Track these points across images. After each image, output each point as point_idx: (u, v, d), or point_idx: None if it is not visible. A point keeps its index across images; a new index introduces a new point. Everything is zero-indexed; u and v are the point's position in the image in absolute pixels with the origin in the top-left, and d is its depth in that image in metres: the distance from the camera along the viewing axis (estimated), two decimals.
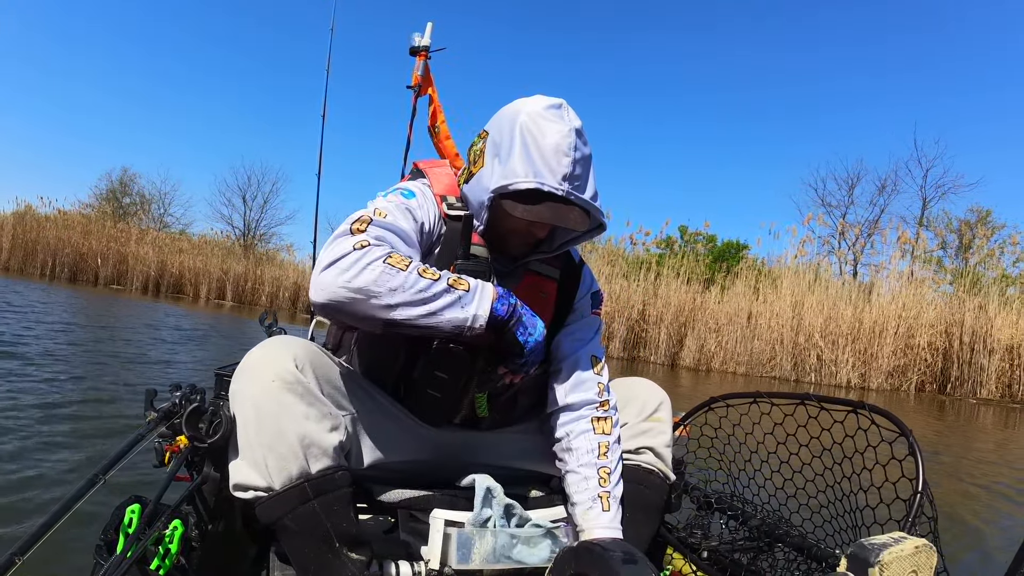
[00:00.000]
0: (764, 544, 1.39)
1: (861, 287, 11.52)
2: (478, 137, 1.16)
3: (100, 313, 9.43)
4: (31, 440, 2.58)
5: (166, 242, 19.00)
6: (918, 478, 1.13)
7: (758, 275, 12.01)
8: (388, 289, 0.93)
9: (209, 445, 0.97)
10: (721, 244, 17.41)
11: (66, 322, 7.28)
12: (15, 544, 0.76)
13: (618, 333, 12.16)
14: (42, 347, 4.98)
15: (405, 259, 0.96)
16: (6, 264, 17.82)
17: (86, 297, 12.22)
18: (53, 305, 9.03)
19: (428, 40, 2.50)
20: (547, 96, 1.11)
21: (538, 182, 1.03)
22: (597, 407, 1.21)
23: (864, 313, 10.55)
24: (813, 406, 1.36)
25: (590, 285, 1.30)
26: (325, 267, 0.93)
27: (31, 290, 11.47)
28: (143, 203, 26.12)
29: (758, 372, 10.91)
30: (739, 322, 11.31)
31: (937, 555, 0.96)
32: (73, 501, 0.86)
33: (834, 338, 10.50)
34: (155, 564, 0.92)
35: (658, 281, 12.45)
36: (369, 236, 0.97)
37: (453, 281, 0.98)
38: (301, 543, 0.97)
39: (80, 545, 1.59)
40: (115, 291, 15.70)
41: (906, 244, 12.29)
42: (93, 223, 18.85)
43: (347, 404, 1.07)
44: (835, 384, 10.26)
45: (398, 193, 1.13)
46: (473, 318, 0.97)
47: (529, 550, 1.10)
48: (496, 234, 1.15)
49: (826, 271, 12.08)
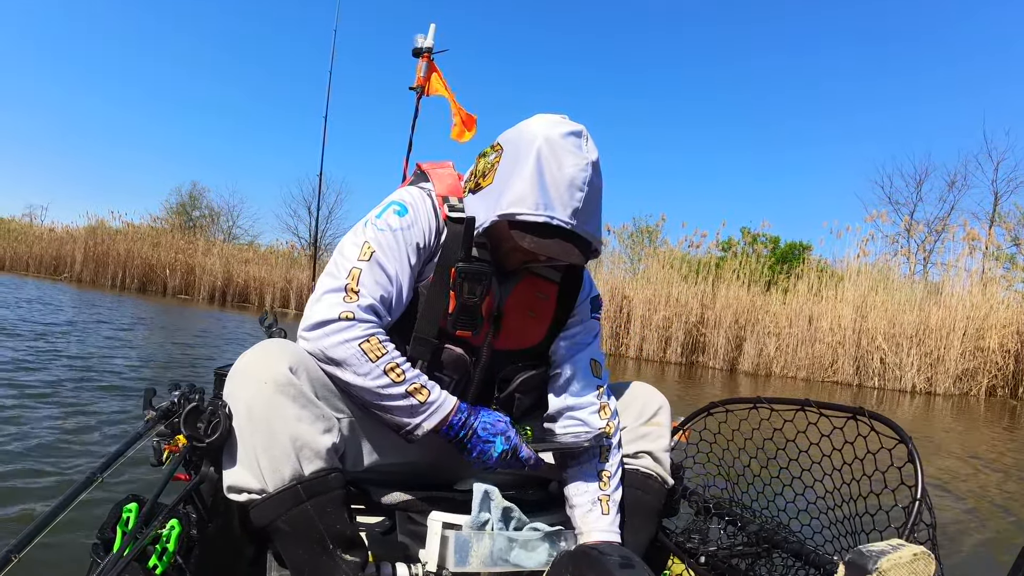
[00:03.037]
0: (762, 550, 1.38)
1: (929, 287, 11.03)
2: (491, 148, 1.15)
3: (194, 325, 9.49)
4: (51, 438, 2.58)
5: (232, 253, 19.47)
6: (917, 485, 1.12)
7: (820, 276, 11.55)
8: (354, 372, 1.03)
9: (207, 445, 0.96)
10: (784, 245, 16.79)
11: (178, 339, 7.31)
12: (11, 541, 0.76)
13: (676, 337, 11.81)
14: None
15: (381, 347, 1.04)
16: (79, 276, 18.37)
17: (165, 308, 12.41)
18: (154, 317, 9.14)
19: (431, 41, 2.50)
20: (569, 120, 1.10)
21: (548, 216, 1.03)
22: (597, 410, 1.21)
23: (930, 314, 10.09)
24: (813, 412, 1.36)
25: (589, 290, 1.30)
26: (313, 325, 1.03)
27: (103, 300, 11.67)
28: (212, 216, 26.89)
29: (819, 377, 10.49)
30: (799, 325, 10.91)
31: (936, 563, 0.96)
32: (70, 499, 0.86)
33: (898, 340, 10.06)
34: (152, 563, 0.92)
35: (717, 284, 12.02)
36: (358, 308, 1.04)
37: (414, 389, 1.04)
38: (295, 545, 0.96)
39: (77, 543, 1.58)
40: (183, 301, 16.03)
41: (974, 241, 11.55)
42: (161, 235, 19.47)
43: (343, 406, 1.07)
44: (899, 389, 9.81)
45: (391, 212, 1.13)
46: (416, 426, 1.06)
47: (527, 553, 1.09)
48: (494, 246, 1.15)
49: (893, 271, 11.53)
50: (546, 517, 1.18)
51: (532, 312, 1.22)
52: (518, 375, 1.22)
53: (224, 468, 0.99)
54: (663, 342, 11.92)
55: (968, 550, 2.48)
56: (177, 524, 0.96)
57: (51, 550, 1.56)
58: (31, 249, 20.10)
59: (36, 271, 19.63)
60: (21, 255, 20.16)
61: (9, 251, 20.45)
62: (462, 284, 1.10)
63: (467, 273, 1.10)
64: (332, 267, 1.10)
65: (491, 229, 1.11)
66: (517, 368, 1.22)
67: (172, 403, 1.10)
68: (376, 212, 1.14)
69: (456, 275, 1.10)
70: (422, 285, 1.13)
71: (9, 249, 20.47)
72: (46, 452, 2.43)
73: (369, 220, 1.13)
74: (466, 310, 1.12)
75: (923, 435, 5.49)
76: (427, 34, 2.51)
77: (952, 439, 5.45)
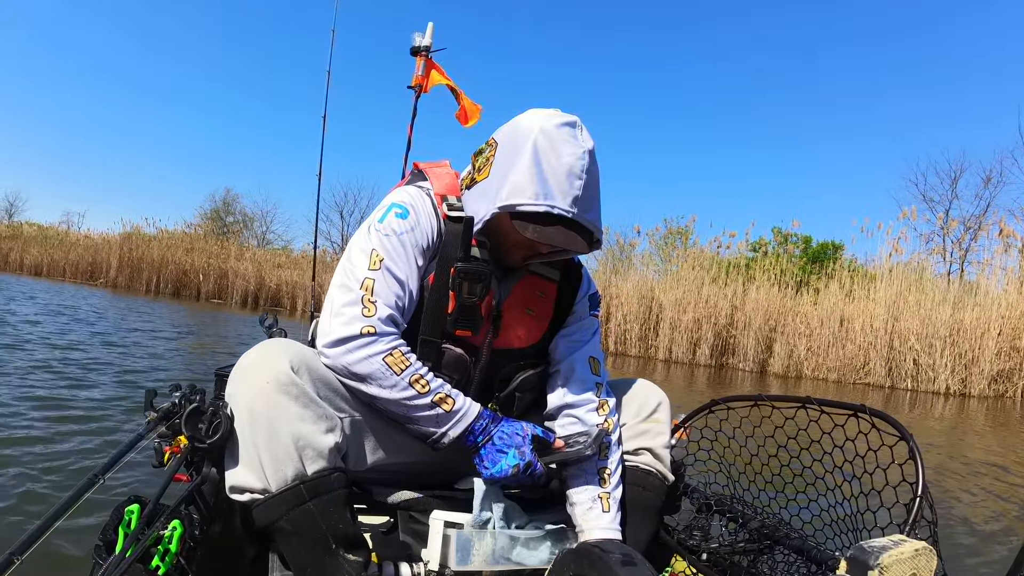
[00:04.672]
0: (764, 546, 1.38)
1: (965, 286, 10.64)
2: (487, 144, 1.15)
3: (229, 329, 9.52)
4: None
5: (265, 258, 19.71)
6: (918, 482, 1.12)
7: (852, 276, 11.21)
8: (379, 386, 1.04)
9: (209, 445, 0.97)
10: (816, 245, 16.21)
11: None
12: (13, 543, 0.76)
13: (705, 339, 11.49)
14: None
15: (405, 359, 1.05)
16: (114, 282, 18.61)
17: (197, 312, 12.44)
18: (190, 322, 9.17)
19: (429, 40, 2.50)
20: (562, 112, 1.10)
21: (548, 205, 1.03)
22: (596, 408, 1.21)
23: (963, 313, 9.74)
24: (814, 410, 1.36)
25: (588, 287, 1.30)
26: (336, 342, 1.03)
27: (141, 304, 11.76)
28: (245, 221, 27.37)
29: (850, 378, 10.21)
30: (830, 326, 10.59)
31: (937, 558, 0.96)
32: (72, 501, 0.86)
33: (931, 341, 9.75)
34: (155, 563, 0.92)
35: (747, 285, 11.70)
36: (378, 321, 1.04)
37: (439, 399, 1.05)
38: (298, 545, 0.97)
39: (79, 545, 1.59)
40: (216, 305, 16.13)
41: (1010, 238, 11.15)
42: (195, 241, 19.75)
43: (345, 406, 1.07)
44: (933, 391, 9.50)
45: (393, 215, 1.13)
46: (443, 435, 1.07)
47: (528, 552, 1.09)
48: (495, 243, 1.15)
49: (927, 270, 11.06)
50: (547, 515, 1.19)
51: (531, 311, 1.22)
52: (518, 374, 1.22)
53: (226, 468, 0.99)
54: (692, 344, 11.69)
55: (970, 546, 2.48)
56: (179, 525, 0.96)
57: (53, 551, 1.56)
58: (67, 255, 20.42)
59: (72, 276, 19.87)
60: (58, 261, 20.48)
61: (46, 257, 20.79)
62: (461, 283, 1.10)
63: (466, 272, 1.10)
64: (343, 277, 1.09)
65: (492, 224, 1.11)
66: (517, 367, 1.22)
67: (173, 404, 1.10)
68: (378, 215, 1.14)
69: (455, 274, 1.10)
70: (423, 285, 1.13)
71: (46, 255, 20.81)
72: (47, 453, 2.44)
73: (372, 225, 1.13)
74: (466, 310, 1.12)
75: (953, 437, 5.40)
76: (425, 32, 2.51)
77: (979, 441, 5.35)
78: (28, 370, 3.98)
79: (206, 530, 1.03)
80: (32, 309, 8.21)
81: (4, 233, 23.70)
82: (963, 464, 4.12)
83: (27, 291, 11.84)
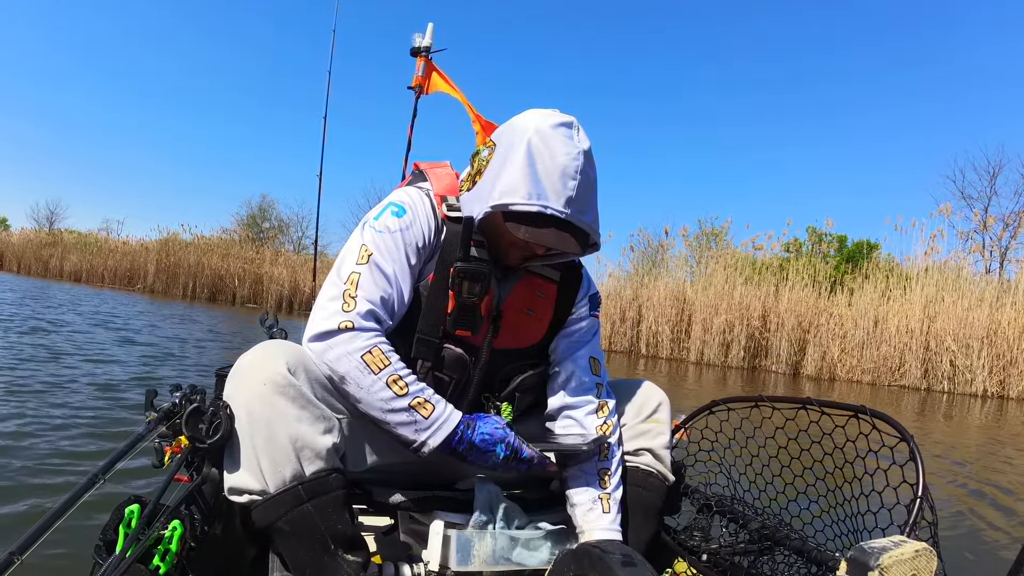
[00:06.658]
0: (764, 547, 1.38)
1: (1004, 285, 10.31)
2: (485, 146, 1.15)
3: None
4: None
5: (299, 262, 19.80)
6: (919, 483, 1.12)
7: (888, 275, 10.96)
8: (356, 385, 1.01)
9: (209, 446, 0.97)
10: (851, 245, 15.64)
11: None
12: (14, 543, 0.76)
13: (737, 341, 11.30)
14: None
15: (384, 358, 1.02)
16: (151, 287, 18.83)
17: (230, 315, 12.44)
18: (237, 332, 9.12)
19: (429, 40, 2.50)
20: (560, 112, 1.09)
21: (541, 205, 1.02)
22: (596, 409, 1.21)
23: (1002, 313, 9.51)
24: (815, 411, 1.36)
25: (588, 287, 1.30)
26: (315, 337, 1.03)
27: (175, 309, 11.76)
28: (281, 227, 27.21)
29: (885, 380, 10.00)
30: (865, 327, 10.35)
31: (937, 559, 0.96)
32: (72, 501, 0.86)
33: (968, 342, 9.52)
34: (155, 563, 0.92)
35: (780, 286, 11.48)
36: (357, 315, 1.03)
37: (417, 403, 1.02)
38: (296, 546, 0.97)
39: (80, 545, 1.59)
40: (251, 309, 16.24)
41: None
42: (230, 247, 19.91)
43: (343, 406, 1.07)
44: (970, 393, 9.28)
45: (389, 213, 1.13)
46: (422, 443, 1.03)
47: (529, 552, 1.09)
48: (493, 243, 1.15)
49: (965, 269, 10.72)
50: (548, 516, 1.19)
51: (531, 311, 1.22)
52: (517, 374, 1.22)
53: (225, 469, 0.99)
54: (724, 346, 11.50)
55: (971, 547, 2.47)
56: (179, 525, 0.96)
57: (54, 551, 1.56)
58: (106, 261, 20.68)
59: (111, 282, 20.11)
60: (97, 267, 20.75)
61: (85, 264, 21.05)
62: (461, 283, 1.10)
63: (466, 272, 1.10)
64: (334, 271, 1.10)
65: (487, 223, 1.10)
66: (517, 367, 1.22)
67: (173, 404, 1.10)
68: (374, 214, 1.14)
69: (455, 274, 1.10)
70: (422, 285, 1.13)
71: (85, 262, 21.07)
72: (47, 452, 2.44)
73: (367, 222, 1.13)
74: (465, 309, 1.12)
75: (989, 438, 5.35)
76: (425, 33, 2.51)
77: (1012, 442, 5.28)
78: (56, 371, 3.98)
79: (206, 530, 1.03)
80: (77, 318, 8.07)
81: (45, 240, 24.00)
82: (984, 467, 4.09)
83: (72, 299, 11.75)
